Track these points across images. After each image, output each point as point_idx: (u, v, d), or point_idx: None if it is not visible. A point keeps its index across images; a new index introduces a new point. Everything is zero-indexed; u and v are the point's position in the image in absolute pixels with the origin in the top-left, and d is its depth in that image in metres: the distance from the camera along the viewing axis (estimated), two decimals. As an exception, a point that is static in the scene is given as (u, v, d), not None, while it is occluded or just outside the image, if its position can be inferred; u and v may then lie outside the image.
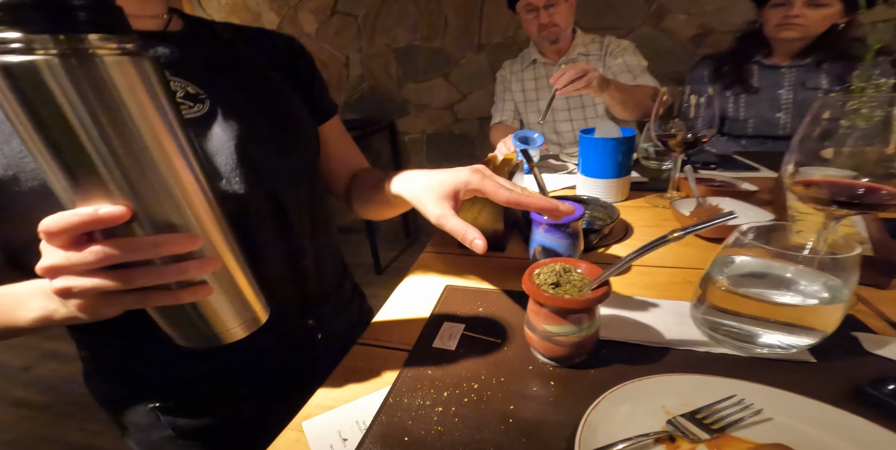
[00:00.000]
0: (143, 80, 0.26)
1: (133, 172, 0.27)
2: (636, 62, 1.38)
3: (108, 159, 0.26)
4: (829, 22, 1.12)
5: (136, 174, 0.27)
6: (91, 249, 0.27)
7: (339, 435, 0.37)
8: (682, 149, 0.79)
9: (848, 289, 0.37)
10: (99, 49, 0.24)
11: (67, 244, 0.28)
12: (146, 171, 0.27)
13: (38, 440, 1.49)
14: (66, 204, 0.27)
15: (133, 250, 0.28)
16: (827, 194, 0.41)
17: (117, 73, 0.25)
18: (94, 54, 0.24)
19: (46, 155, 0.25)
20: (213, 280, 0.32)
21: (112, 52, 0.25)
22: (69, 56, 0.23)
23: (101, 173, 0.26)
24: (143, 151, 0.27)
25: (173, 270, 0.29)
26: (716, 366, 0.41)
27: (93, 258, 0.27)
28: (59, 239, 0.27)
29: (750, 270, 0.43)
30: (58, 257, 0.28)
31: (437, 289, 0.58)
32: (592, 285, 0.39)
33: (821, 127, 0.41)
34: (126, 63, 0.25)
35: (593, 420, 0.33)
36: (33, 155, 0.26)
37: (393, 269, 2.47)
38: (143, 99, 0.27)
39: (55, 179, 0.26)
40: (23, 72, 0.23)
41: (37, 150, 0.25)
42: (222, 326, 0.34)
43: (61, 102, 0.24)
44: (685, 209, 0.73)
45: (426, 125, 2.51)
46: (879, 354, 0.41)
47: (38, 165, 0.26)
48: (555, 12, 1.30)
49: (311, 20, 2.40)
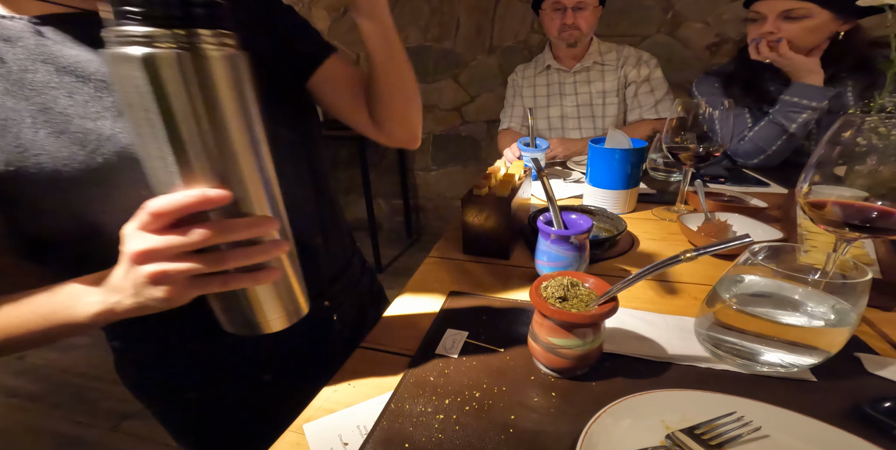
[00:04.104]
0: (242, 74, 0.29)
1: (229, 158, 0.29)
2: (661, 83, 1.42)
3: (211, 145, 0.28)
4: (820, 34, 1.01)
5: (231, 161, 0.29)
6: (195, 231, 0.29)
7: (339, 439, 0.37)
8: (693, 162, 0.79)
9: (856, 312, 0.38)
10: (212, 44, 0.27)
11: (162, 228, 0.29)
12: (239, 157, 0.30)
13: (25, 431, 1.48)
14: (162, 189, 0.29)
15: (230, 232, 0.29)
16: (840, 217, 0.41)
17: (224, 66, 0.27)
18: (207, 49, 0.26)
19: (160, 141, 0.27)
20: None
21: (222, 47, 0.27)
22: (188, 49, 0.26)
23: (205, 158, 0.28)
24: (240, 138, 0.29)
25: (258, 251, 0.31)
26: (717, 382, 0.41)
27: (197, 238, 0.29)
28: (163, 221, 0.29)
29: (759, 290, 0.43)
30: (153, 241, 0.29)
31: (440, 295, 0.58)
32: (599, 301, 0.39)
33: (839, 147, 0.41)
34: (234, 58, 0.28)
35: (593, 433, 0.33)
36: (143, 141, 0.28)
37: (394, 268, 2.48)
38: (243, 91, 0.29)
39: (160, 165, 0.28)
40: (148, 63, 0.25)
41: (151, 135, 0.27)
42: (268, 315, 0.35)
43: (177, 91, 0.26)
44: (693, 224, 0.73)
45: (433, 126, 2.51)
46: (881, 375, 0.41)
47: (144, 151, 0.28)
48: (580, 16, 1.31)
49: (324, 17, 2.40)
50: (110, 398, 1.58)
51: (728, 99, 0.75)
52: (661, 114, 1.42)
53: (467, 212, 0.67)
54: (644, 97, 1.42)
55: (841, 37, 1.03)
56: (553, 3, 1.32)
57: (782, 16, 1.01)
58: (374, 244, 2.36)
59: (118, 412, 1.52)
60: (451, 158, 2.57)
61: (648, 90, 1.42)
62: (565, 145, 1.35)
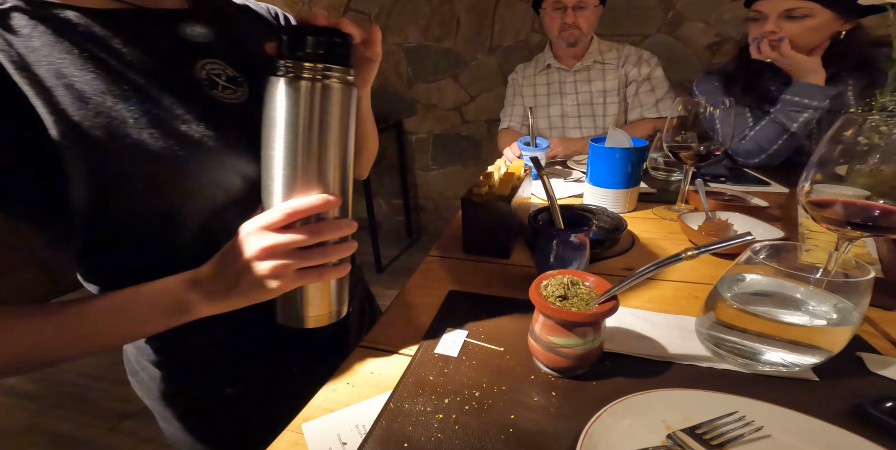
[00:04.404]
0: (352, 101, 0.37)
1: (340, 168, 0.37)
2: (662, 82, 1.42)
3: (332, 158, 0.36)
4: (822, 33, 1.01)
5: (341, 171, 0.37)
6: (310, 229, 0.36)
7: (338, 439, 0.37)
8: (693, 161, 0.79)
9: (858, 312, 0.37)
10: (343, 78, 0.36)
11: (283, 228, 0.35)
12: (346, 168, 0.38)
13: (25, 431, 1.47)
14: (279, 195, 0.36)
15: (335, 230, 0.37)
16: (842, 215, 0.41)
17: (346, 95, 0.36)
18: (346, 82, 0.36)
19: (296, 152, 0.35)
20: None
21: (346, 80, 0.36)
22: (338, 81, 0.36)
23: (327, 168, 0.36)
24: (348, 152, 0.38)
25: (347, 247, 0.39)
26: (718, 382, 0.41)
27: (313, 236, 0.36)
28: (292, 220, 0.35)
29: (760, 289, 0.43)
30: (278, 238, 0.35)
31: (440, 294, 0.58)
32: (600, 300, 0.39)
33: (841, 145, 0.40)
34: (352, 88, 0.37)
35: (594, 433, 0.33)
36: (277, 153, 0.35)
37: (393, 268, 2.48)
38: (351, 115, 0.37)
39: (288, 173, 0.36)
40: (304, 91, 0.34)
41: (290, 147, 0.35)
42: (314, 310, 0.41)
43: (318, 111, 0.35)
44: (694, 223, 0.73)
45: (433, 125, 2.51)
46: (883, 374, 0.41)
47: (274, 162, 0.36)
48: (580, 15, 1.31)
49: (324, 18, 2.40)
50: (110, 398, 1.58)
51: (729, 98, 0.75)
52: (662, 113, 1.42)
53: (467, 211, 0.66)
54: (645, 96, 1.42)
55: (842, 36, 1.03)
56: (553, 3, 1.31)
57: (784, 15, 1.00)
58: (374, 244, 2.36)
59: (118, 412, 1.52)
60: (451, 157, 2.57)
61: (649, 89, 1.42)
62: (565, 144, 1.35)
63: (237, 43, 0.47)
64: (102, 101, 0.35)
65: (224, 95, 0.43)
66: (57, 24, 0.35)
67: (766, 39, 1.03)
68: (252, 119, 0.44)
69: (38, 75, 0.34)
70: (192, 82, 0.41)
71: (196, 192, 0.41)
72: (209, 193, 0.42)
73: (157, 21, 0.41)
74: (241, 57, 0.46)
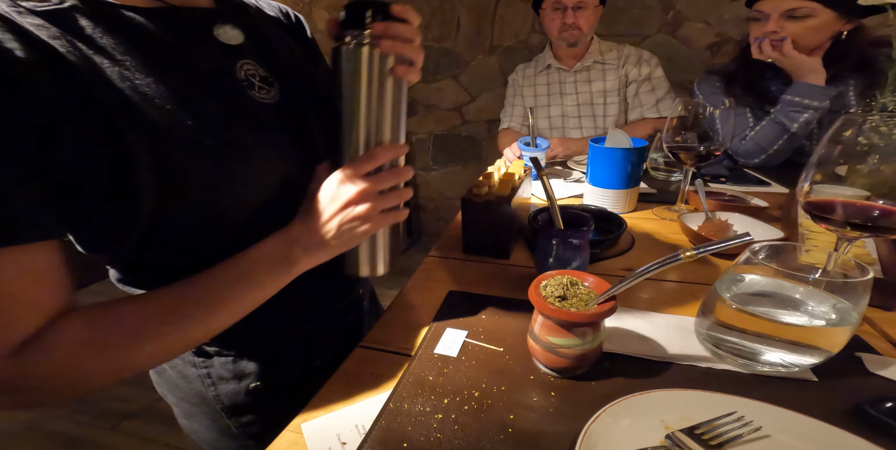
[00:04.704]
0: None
1: (402, 120, 0.43)
2: (662, 82, 1.42)
3: (403, 110, 0.43)
4: (823, 33, 1.01)
5: (402, 123, 0.44)
6: (390, 174, 0.42)
7: (338, 438, 0.37)
8: (693, 161, 0.79)
9: (857, 312, 0.37)
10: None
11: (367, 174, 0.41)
12: (403, 120, 0.44)
13: (25, 431, 1.47)
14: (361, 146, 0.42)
15: (404, 175, 0.44)
16: (841, 216, 0.41)
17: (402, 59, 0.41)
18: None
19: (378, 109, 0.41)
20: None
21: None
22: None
23: (399, 120, 0.43)
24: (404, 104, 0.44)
25: (407, 191, 0.45)
26: (717, 382, 0.41)
27: (394, 179, 0.42)
28: (376, 165, 0.41)
29: (759, 289, 0.43)
30: (364, 183, 0.40)
31: (440, 294, 0.58)
32: (599, 300, 0.39)
33: (840, 146, 0.40)
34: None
35: (593, 433, 0.33)
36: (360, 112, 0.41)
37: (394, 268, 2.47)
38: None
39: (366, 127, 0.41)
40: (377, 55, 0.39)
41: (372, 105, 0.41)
42: (382, 256, 0.49)
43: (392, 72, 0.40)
44: (694, 224, 0.73)
45: (433, 126, 2.51)
46: (882, 375, 0.41)
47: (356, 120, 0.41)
48: (580, 15, 1.31)
49: (325, 17, 2.40)
50: (110, 398, 1.58)
51: (729, 98, 0.75)
52: (662, 113, 1.42)
53: (467, 211, 0.66)
54: (645, 96, 1.42)
55: (843, 36, 1.02)
56: (553, 3, 1.31)
57: (785, 15, 1.00)
58: (374, 244, 2.36)
59: (118, 412, 1.52)
60: (451, 157, 2.57)
61: (649, 89, 1.42)
62: (566, 145, 1.35)
63: (263, 43, 0.47)
64: (163, 104, 0.35)
65: (261, 96, 0.44)
66: (114, 24, 0.35)
67: (767, 39, 1.03)
68: (287, 119, 0.46)
69: (107, 77, 0.33)
70: (236, 83, 0.42)
71: (243, 192, 0.42)
72: (254, 193, 0.43)
73: (196, 21, 0.42)
74: (270, 57, 0.47)
